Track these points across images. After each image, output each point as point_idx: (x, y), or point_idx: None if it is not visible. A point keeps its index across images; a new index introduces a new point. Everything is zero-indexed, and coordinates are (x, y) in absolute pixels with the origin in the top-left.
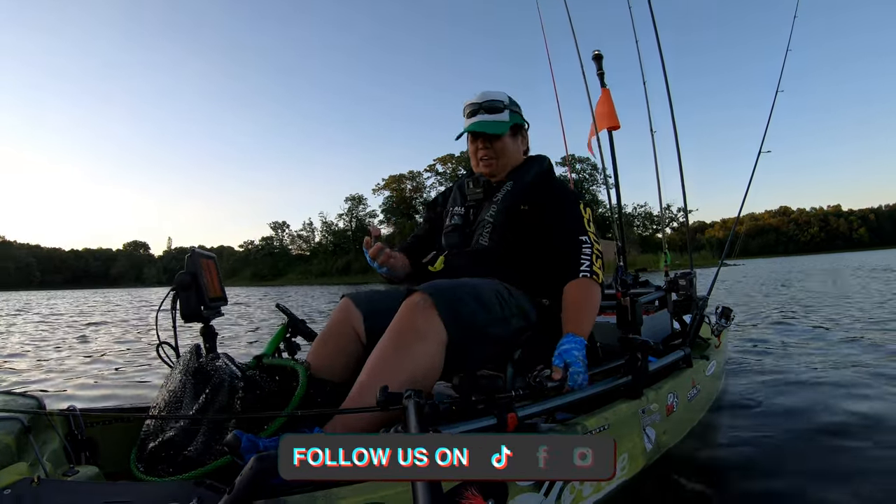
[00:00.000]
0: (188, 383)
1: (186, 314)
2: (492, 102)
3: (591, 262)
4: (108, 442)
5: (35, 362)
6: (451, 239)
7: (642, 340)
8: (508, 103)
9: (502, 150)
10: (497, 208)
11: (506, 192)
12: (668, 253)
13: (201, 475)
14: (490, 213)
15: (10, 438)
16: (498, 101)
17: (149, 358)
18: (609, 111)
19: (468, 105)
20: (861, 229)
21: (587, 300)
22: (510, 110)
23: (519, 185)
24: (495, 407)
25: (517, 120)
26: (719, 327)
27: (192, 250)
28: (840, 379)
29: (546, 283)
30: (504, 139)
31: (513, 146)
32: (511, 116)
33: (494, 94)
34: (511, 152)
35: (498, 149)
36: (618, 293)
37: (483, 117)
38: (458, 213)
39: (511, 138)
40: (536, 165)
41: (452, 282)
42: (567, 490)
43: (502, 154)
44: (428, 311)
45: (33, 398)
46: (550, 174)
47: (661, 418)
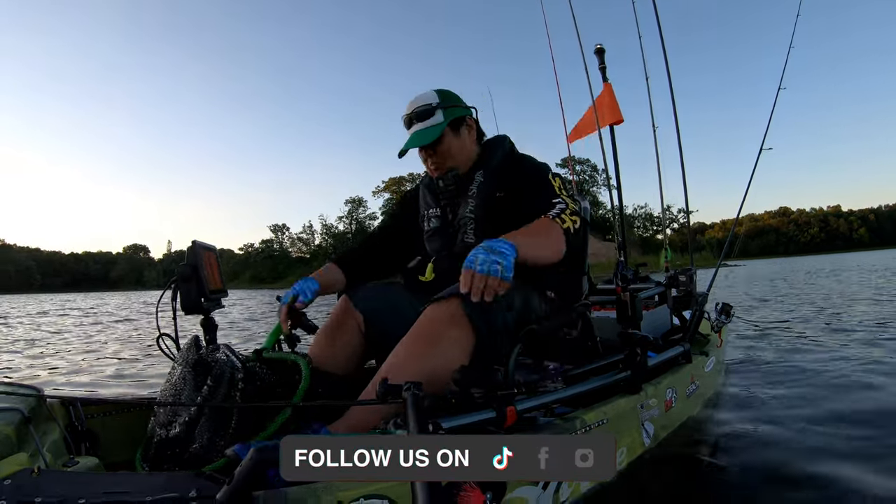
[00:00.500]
0: (188, 376)
1: (187, 306)
2: (421, 108)
3: (560, 211)
4: (109, 433)
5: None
6: (434, 243)
7: (642, 336)
8: (439, 101)
9: (448, 152)
10: (475, 202)
11: (479, 182)
12: (669, 249)
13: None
14: (469, 209)
15: (10, 429)
16: (425, 105)
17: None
18: (611, 105)
19: (403, 117)
20: (861, 229)
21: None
22: (442, 108)
23: (489, 172)
24: (494, 400)
25: (455, 114)
26: (719, 323)
27: (193, 242)
28: (844, 373)
29: (546, 274)
30: (445, 140)
31: (458, 142)
32: (446, 114)
33: (422, 98)
34: (458, 149)
35: (443, 152)
36: (618, 288)
37: (417, 127)
38: (434, 216)
39: (453, 136)
40: (499, 149)
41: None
42: (565, 483)
43: (450, 156)
44: (459, 318)
45: (34, 389)
46: (514, 153)
47: (659, 413)
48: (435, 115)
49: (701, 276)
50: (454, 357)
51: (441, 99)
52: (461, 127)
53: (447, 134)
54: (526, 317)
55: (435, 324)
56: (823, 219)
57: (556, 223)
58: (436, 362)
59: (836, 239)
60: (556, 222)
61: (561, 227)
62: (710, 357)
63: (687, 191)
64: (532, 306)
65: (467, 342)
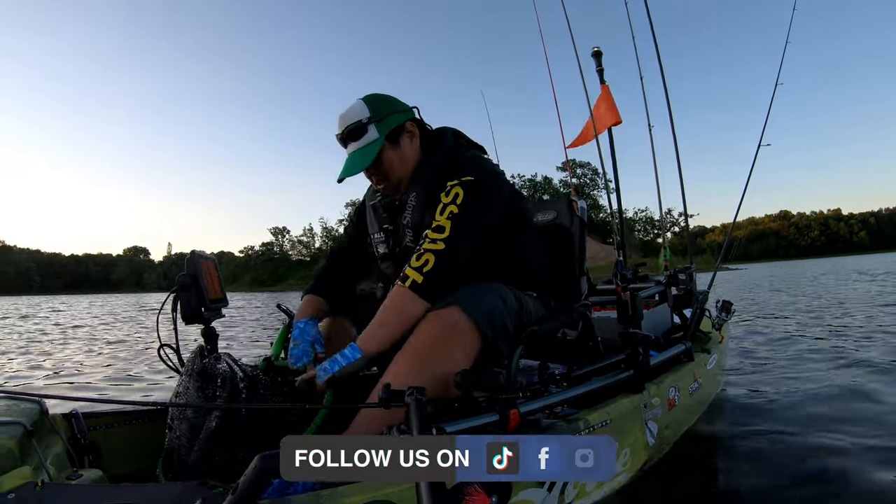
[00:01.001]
0: (193, 386)
1: (187, 316)
2: (351, 127)
3: (413, 259)
4: (111, 445)
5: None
6: (387, 269)
7: (643, 335)
8: (371, 115)
9: (389, 168)
10: (412, 231)
11: (412, 207)
12: (668, 249)
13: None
14: (409, 239)
15: (12, 443)
16: (355, 121)
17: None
18: (610, 107)
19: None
20: (861, 232)
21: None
22: (375, 122)
23: (421, 193)
24: (497, 403)
25: (391, 124)
26: (720, 321)
27: (192, 252)
28: (845, 374)
29: (522, 277)
30: (383, 157)
31: (398, 155)
32: (380, 127)
33: (351, 114)
34: (400, 163)
35: (384, 170)
36: (618, 288)
37: (352, 147)
38: (380, 241)
39: (392, 149)
40: (437, 153)
41: (476, 288)
42: (570, 485)
43: (390, 170)
44: (463, 325)
45: (36, 402)
46: (448, 157)
47: (662, 412)
48: (368, 132)
49: (702, 279)
50: (459, 364)
51: (372, 112)
52: (401, 137)
53: (386, 149)
54: (527, 319)
55: (437, 334)
56: (824, 222)
57: (399, 290)
58: (441, 369)
59: (836, 242)
60: (399, 288)
61: (405, 287)
62: (711, 354)
63: (683, 187)
64: (525, 306)
65: (472, 348)
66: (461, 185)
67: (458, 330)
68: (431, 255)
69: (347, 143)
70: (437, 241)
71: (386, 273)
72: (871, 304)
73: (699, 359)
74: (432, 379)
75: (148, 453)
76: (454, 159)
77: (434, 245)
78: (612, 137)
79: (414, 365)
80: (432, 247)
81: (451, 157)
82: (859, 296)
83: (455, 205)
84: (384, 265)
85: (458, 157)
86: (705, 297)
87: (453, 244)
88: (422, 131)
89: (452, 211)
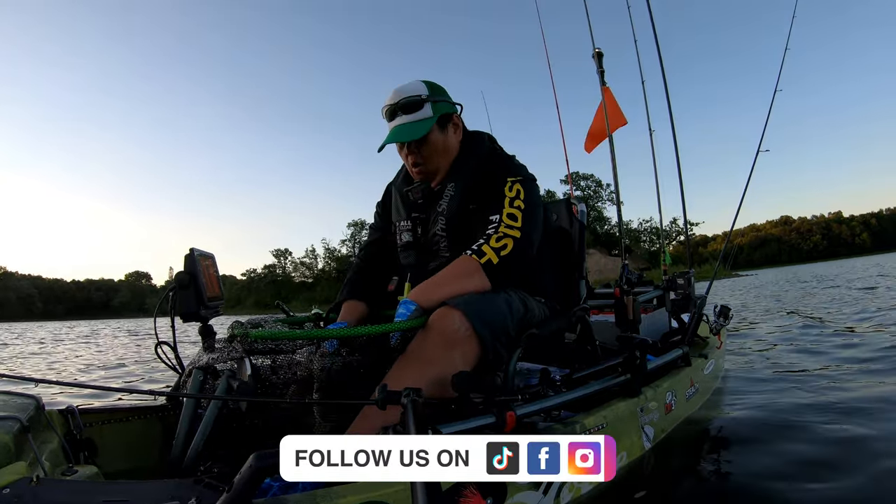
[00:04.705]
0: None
1: (185, 314)
2: (408, 100)
3: (486, 239)
4: (107, 441)
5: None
6: (407, 258)
7: (640, 339)
8: (428, 94)
9: (433, 151)
10: (446, 219)
11: (449, 197)
12: (667, 254)
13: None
14: (440, 227)
15: (8, 438)
16: (414, 96)
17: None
18: (613, 109)
19: (385, 108)
20: (863, 234)
21: (448, 272)
22: (432, 101)
23: (461, 184)
24: (494, 406)
25: (444, 109)
26: (718, 326)
27: (190, 249)
28: (844, 376)
29: (533, 280)
30: (431, 138)
31: (444, 142)
32: (435, 108)
33: (410, 89)
34: (443, 149)
35: (427, 152)
36: (616, 290)
37: (402, 119)
38: (406, 229)
39: (440, 133)
40: (476, 152)
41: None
42: (566, 488)
43: (434, 154)
44: (465, 330)
45: (32, 398)
46: (492, 156)
47: (659, 417)
48: (423, 109)
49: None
50: (458, 368)
51: (430, 91)
52: (448, 124)
53: (434, 131)
54: (525, 321)
55: (440, 337)
56: (825, 226)
57: (471, 261)
58: (441, 372)
59: (838, 245)
60: (472, 260)
61: (479, 262)
62: (709, 360)
63: (683, 190)
64: (531, 311)
65: (471, 353)
66: (521, 182)
67: (460, 335)
68: (511, 241)
69: (396, 115)
70: (514, 228)
71: (406, 263)
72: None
73: (696, 363)
74: (433, 382)
75: (143, 450)
76: (500, 159)
77: (512, 231)
78: (612, 143)
79: (416, 367)
80: (511, 232)
81: (496, 156)
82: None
83: (521, 200)
84: (405, 254)
85: (504, 158)
86: (703, 301)
87: (528, 236)
88: (462, 130)
89: (520, 206)
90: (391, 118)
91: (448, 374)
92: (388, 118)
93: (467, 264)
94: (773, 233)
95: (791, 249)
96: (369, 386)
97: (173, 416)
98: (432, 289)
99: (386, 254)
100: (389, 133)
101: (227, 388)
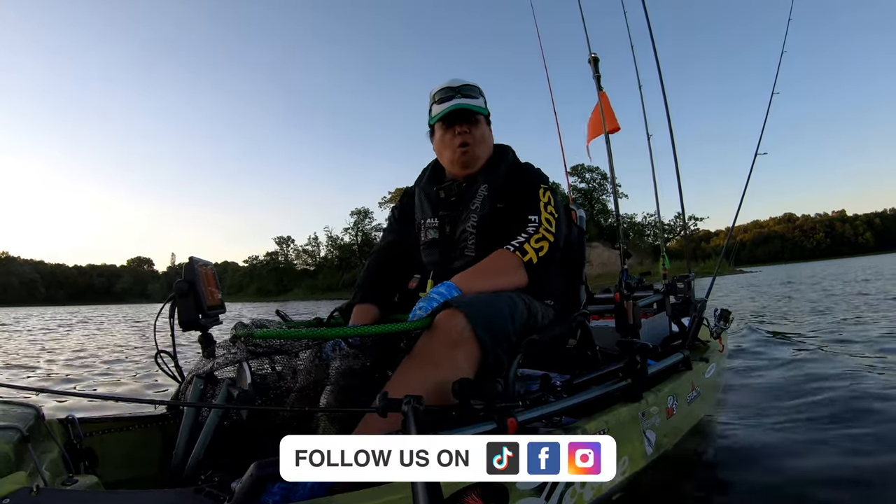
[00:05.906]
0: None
1: (184, 322)
2: (469, 88)
3: (526, 238)
4: (107, 451)
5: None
6: (431, 256)
7: (641, 343)
8: (481, 92)
9: (482, 137)
10: (478, 217)
11: (483, 196)
12: (666, 257)
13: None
14: (472, 224)
15: (8, 447)
16: (474, 86)
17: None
18: (607, 114)
19: (441, 91)
20: (867, 234)
21: (490, 264)
22: (483, 98)
23: (493, 185)
24: (495, 412)
25: (488, 110)
26: (718, 329)
27: (189, 258)
28: (845, 376)
29: (545, 285)
30: (483, 125)
31: (489, 135)
32: (485, 104)
33: (468, 81)
34: (488, 141)
35: (478, 135)
36: (615, 295)
37: (462, 101)
38: (432, 227)
39: (486, 126)
40: (504, 158)
41: (481, 297)
42: (568, 494)
43: (481, 141)
44: (465, 334)
45: (32, 407)
46: (517, 165)
47: (661, 421)
48: (480, 99)
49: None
50: (462, 372)
51: (482, 92)
52: (489, 125)
53: (483, 121)
54: (528, 327)
55: (443, 340)
56: (829, 224)
57: (514, 257)
58: (446, 376)
59: (841, 244)
60: (514, 256)
61: (521, 259)
62: (710, 363)
63: (682, 195)
64: (534, 316)
65: (473, 356)
66: (550, 190)
67: (463, 338)
68: (547, 244)
69: (455, 97)
70: (550, 232)
71: (429, 260)
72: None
73: (697, 367)
74: (437, 385)
75: (144, 459)
76: (529, 167)
77: (549, 235)
78: (609, 143)
79: (420, 370)
80: (549, 236)
81: (524, 165)
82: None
83: (552, 206)
84: (429, 251)
85: (530, 167)
86: (703, 305)
87: (559, 242)
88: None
89: (553, 212)
90: (448, 99)
91: (451, 378)
92: (442, 99)
93: (510, 259)
94: (777, 230)
95: (794, 247)
96: (375, 388)
97: (174, 425)
98: (475, 279)
99: (400, 258)
100: (453, 104)
101: (228, 396)
